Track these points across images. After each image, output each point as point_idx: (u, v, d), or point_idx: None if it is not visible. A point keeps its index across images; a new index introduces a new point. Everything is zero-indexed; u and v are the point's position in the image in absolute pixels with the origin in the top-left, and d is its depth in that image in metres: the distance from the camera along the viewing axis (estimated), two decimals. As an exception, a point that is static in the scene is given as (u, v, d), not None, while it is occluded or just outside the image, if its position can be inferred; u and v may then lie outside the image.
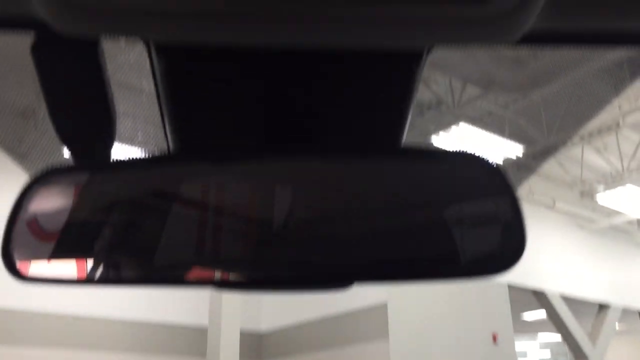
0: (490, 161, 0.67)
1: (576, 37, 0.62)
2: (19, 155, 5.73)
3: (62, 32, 0.52)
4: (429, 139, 6.96)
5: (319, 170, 0.72)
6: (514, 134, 7.20)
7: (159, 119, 0.73)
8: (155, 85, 0.68)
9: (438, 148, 0.70)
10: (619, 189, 8.19)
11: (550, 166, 8.40)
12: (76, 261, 0.72)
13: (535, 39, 0.59)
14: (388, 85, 0.70)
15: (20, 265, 0.68)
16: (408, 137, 0.74)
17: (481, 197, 0.70)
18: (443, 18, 0.51)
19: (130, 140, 5.34)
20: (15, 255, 0.67)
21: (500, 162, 7.37)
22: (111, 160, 0.72)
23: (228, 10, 0.49)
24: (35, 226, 0.70)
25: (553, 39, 0.62)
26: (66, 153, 0.71)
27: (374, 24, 0.51)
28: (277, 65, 0.68)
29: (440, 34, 0.53)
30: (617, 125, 7.50)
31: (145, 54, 0.64)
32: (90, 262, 0.71)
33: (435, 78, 6.66)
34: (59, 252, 0.71)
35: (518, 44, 0.56)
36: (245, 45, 0.56)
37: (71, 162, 0.71)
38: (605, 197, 8.50)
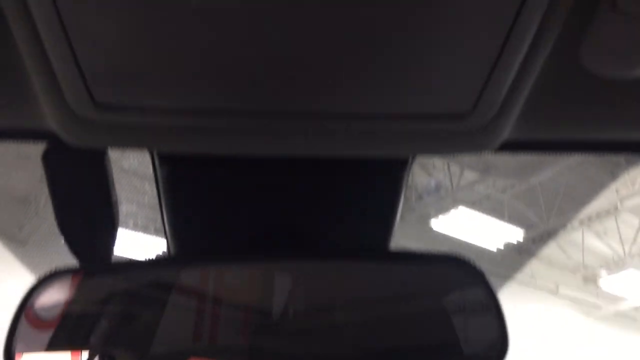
0: (469, 260, 0.71)
1: (550, 145, 0.67)
2: (19, 242, 5.72)
3: (72, 144, 0.55)
4: (428, 222, 6.98)
5: (313, 271, 0.75)
6: (513, 218, 7.22)
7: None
8: (158, 190, 0.71)
9: (421, 251, 0.75)
10: (622, 273, 8.08)
11: (551, 251, 8.34)
12: (73, 356, 0.72)
13: (513, 146, 0.64)
14: (376, 190, 0.73)
15: None
16: (408, 221, 0.77)
17: (462, 293, 0.75)
18: (427, 132, 0.55)
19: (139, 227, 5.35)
20: (17, 355, 0.68)
21: (501, 247, 7.34)
22: (112, 262, 0.74)
23: (227, 126, 0.53)
24: (39, 325, 0.71)
25: (529, 147, 0.67)
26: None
27: (364, 137, 0.55)
28: (271, 174, 0.72)
29: (425, 146, 0.57)
30: (616, 209, 7.53)
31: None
32: (88, 356, 0.71)
33: (434, 163, 6.79)
34: (60, 345, 0.72)
35: (497, 151, 0.61)
36: (244, 155, 0.60)
37: (74, 264, 0.73)
38: (608, 283, 8.37)
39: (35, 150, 0.69)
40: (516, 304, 7.55)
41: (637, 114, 0.60)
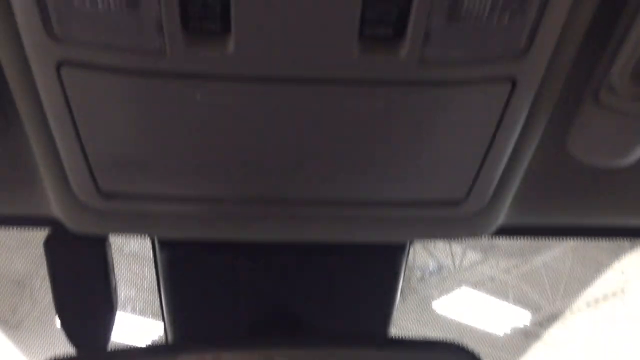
0: (468, 348, 0.69)
1: (545, 230, 0.68)
2: (11, 326, 5.59)
3: (75, 230, 0.57)
4: (430, 304, 6.83)
5: (311, 358, 0.73)
6: (518, 300, 7.07)
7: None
8: (157, 276, 0.71)
9: (420, 338, 0.74)
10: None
11: (560, 333, 8.09)
12: None
13: (508, 231, 0.65)
14: (374, 275, 0.74)
15: None
16: (410, 303, 0.76)
17: None
18: (423, 218, 0.56)
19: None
20: None
21: (508, 330, 7.14)
22: (107, 350, 0.73)
23: (227, 213, 0.55)
24: None
25: (525, 232, 0.68)
26: (58, 323, 0.72)
27: (362, 223, 0.56)
28: (270, 259, 0.73)
29: (422, 231, 0.59)
30: (622, 291, 7.39)
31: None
32: None
33: (436, 243, 6.75)
34: None
35: (493, 236, 0.62)
36: (243, 241, 0.61)
37: (72, 353, 0.71)
38: (621, 368, 8.05)
39: (30, 234, 0.70)
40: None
41: (626, 201, 0.61)
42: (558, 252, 6.53)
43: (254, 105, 0.46)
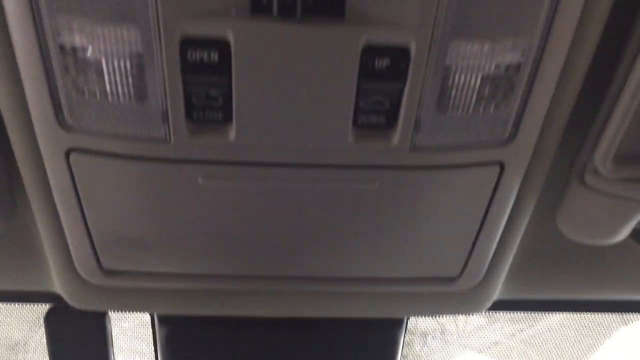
0: None
1: (542, 304, 0.69)
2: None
3: (76, 306, 0.57)
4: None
5: None
6: (524, 366, 6.89)
7: None
8: (155, 351, 0.71)
9: None
10: None
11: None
12: None
13: (504, 306, 0.66)
14: (373, 351, 0.73)
15: None
16: None
17: None
18: (419, 294, 0.57)
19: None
20: None
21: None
22: None
23: (227, 290, 0.55)
24: None
25: (521, 306, 0.69)
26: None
27: (359, 299, 0.57)
28: (269, 334, 0.73)
29: (417, 307, 0.59)
30: (631, 357, 7.19)
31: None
32: None
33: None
34: None
35: (490, 310, 0.62)
36: (242, 317, 0.61)
37: None
38: None
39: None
40: None
41: (619, 276, 0.62)
42: (563, 316, 6.41)
43: (253, 188, 0.48)
